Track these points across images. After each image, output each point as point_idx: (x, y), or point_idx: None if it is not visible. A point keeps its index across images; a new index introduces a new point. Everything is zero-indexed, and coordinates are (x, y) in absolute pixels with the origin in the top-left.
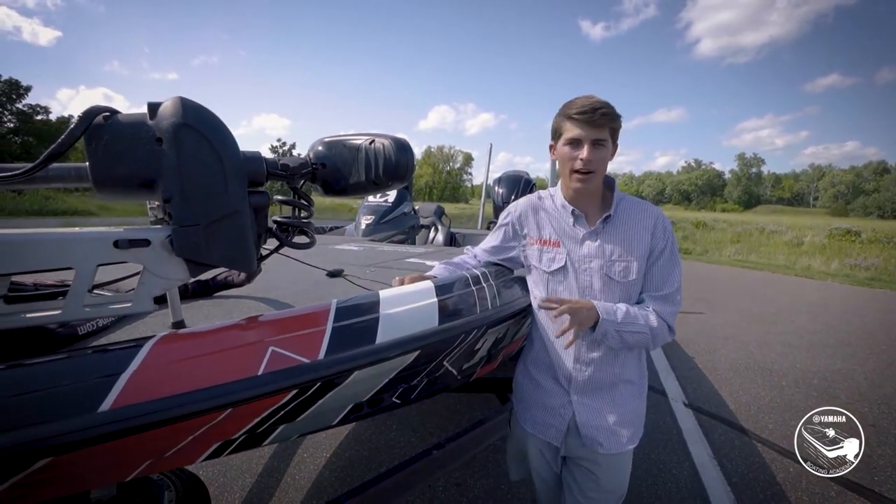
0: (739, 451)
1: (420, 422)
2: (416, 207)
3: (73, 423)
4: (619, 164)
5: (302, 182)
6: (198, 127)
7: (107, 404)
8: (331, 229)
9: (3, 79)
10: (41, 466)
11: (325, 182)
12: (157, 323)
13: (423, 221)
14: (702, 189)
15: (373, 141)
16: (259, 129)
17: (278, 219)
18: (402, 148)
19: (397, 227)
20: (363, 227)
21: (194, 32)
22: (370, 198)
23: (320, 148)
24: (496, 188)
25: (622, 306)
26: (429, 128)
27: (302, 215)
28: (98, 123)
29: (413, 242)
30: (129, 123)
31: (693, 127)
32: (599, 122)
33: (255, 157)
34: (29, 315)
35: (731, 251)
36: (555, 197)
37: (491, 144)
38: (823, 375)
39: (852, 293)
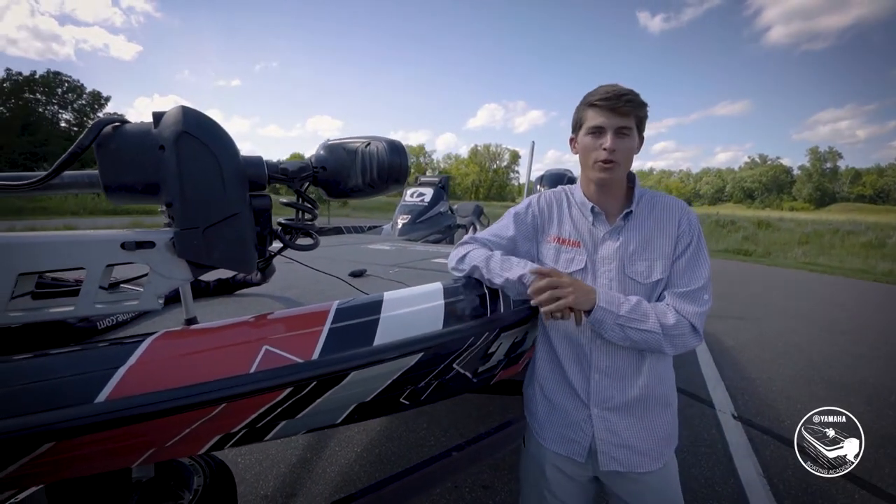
0: (794, 470)
1: (451, 422)
2: (455, 207)
3: (71, 412)
4: (676, 161)
5: (306, 185)
6: (197, 134)
7: (102, 396)
8: (369, 229)
9: (87, 90)
10: (45, 450)
11: (326, 185)
12: (172, 319)
13: (461, 221)
14: (767, 186)
15: (368, 144)
16: (312, 131)
17: (283, 221)
18: (396, 150)
19: (433, 226)
20: (399, 226)
21: (257, 39)
22: (406, 197)
23: (322, 151)
24: (538, 186)
25: (633, 299)
26: (477, 126)
27: (305, 217)
28: (107, 133)
29: (451, 242)
30: (134, 132)
31: (759, 120)
32: (624, 109)
33: (256, 162)
34: (51, 310)
35: (798, 253)
36: (574, 193)
37: (533, 142)
38: None
39: None
